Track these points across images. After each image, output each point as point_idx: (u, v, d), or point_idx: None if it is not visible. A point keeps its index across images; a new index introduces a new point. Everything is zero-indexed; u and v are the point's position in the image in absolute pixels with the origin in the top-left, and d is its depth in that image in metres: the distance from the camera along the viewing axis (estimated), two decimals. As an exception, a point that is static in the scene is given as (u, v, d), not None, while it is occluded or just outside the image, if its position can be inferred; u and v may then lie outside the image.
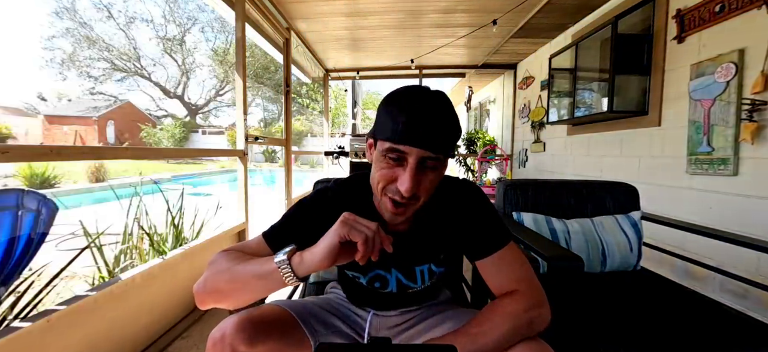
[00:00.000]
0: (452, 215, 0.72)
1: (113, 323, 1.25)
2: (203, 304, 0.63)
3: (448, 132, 0.58)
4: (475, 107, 6.92)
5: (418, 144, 0.56)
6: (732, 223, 1.63)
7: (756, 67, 1.53)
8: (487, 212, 0.71)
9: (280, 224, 0.70)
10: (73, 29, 18.64)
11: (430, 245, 0.73)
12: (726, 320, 0.98)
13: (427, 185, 0.60)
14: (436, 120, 0.57)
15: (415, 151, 0.56)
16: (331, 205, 0.70)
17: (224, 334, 0.62)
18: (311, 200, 0.73)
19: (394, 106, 0.58)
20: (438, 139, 0.57)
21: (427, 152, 0.56)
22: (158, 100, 23.10)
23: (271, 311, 0.71)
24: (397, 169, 0.59)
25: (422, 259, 0.74)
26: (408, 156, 0.57)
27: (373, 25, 3.24)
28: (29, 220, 1.02)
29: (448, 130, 0.58)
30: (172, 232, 1.96)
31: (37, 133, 18.07)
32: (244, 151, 2.24)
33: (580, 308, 1.03)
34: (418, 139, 0.56)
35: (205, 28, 22.19)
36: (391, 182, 0.60)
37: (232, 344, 0.61)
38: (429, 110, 0.56)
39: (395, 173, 0.59)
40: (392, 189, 0.60)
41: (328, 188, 0.75)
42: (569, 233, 1.31)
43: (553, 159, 3.59)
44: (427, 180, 0.60)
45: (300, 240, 0.64)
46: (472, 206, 0.72)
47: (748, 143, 1.56)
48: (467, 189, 0.74)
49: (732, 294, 1.60)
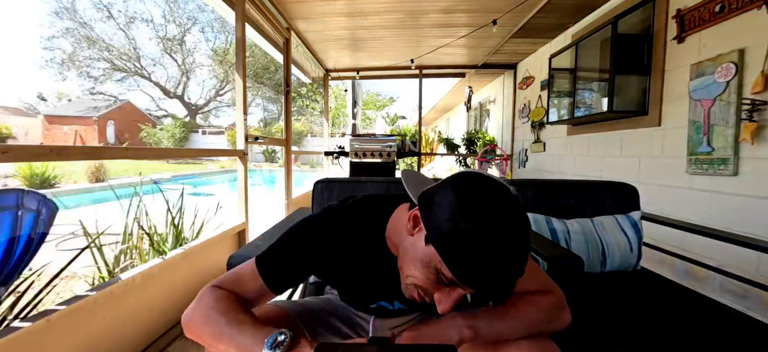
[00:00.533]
0: None
1: (113, 323, 1.25)
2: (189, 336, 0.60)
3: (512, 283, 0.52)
4: (475, 107, 6.92)
5: (480, 289, 0.50)
6: (732, 223, 1.63)
7: (756, 67, 1.53)
8: None
9: (278, 254, 0.64)
10: (73, 29, 18.66)
11: None
12: (726, 320, 0.98)
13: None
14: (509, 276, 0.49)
15: (470, 292, 0.51)
16: (336, 232, 0.65)
17: None
18: (315, 223, 0.67)
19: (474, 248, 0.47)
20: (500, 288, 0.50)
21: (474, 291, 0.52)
22: (158, 100, 23.14)
23: (272, 312, 0.71)
24: (442, 288, 0.53)
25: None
26: (461, 289, 0.51)
27: (373, 24, 3.24)
28: (29, 220, 1.02)
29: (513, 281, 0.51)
30: (172, 232, 1.96)
31: (37, 133, 18.07)
32: (244, 151, 2.24)
33: (580, 308, 1.02)
34: (483, 285, 0.49)
35: (205, 28, 22.21)
36: (429, 291, 0.54)
37: None
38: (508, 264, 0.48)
39: (438, 288, 0.53)
40: (427, 294, 0.55)
41: (332, 209, 0.69)
42: (569, 233, 1.31)
43: (553, 159, 3.59)
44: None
45: (297, 272, 0.63)
46: None
47: (748, 143, 1.56)
48: None
49: (732, 294, 1.60)
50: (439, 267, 0.50)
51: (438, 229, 0.50)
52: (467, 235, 0.47)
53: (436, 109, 9.78)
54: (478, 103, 6.76)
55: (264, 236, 0.99)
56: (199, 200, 2.49)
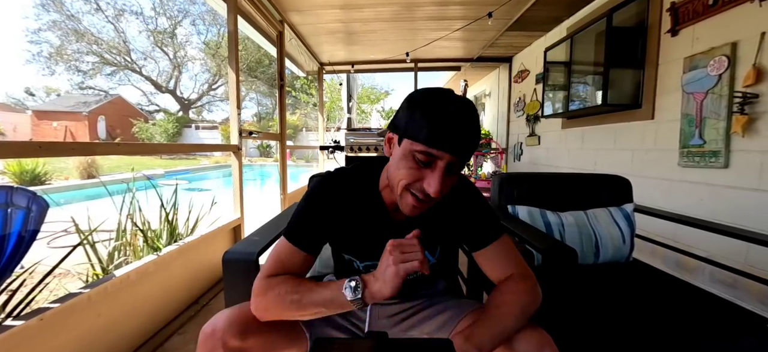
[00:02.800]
0: (450, 209, 0.75)
1: (108, 321, 1.24)
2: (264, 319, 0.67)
3: (475, 141, 0.61)
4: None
5: (451, 150, 0.58)
6: (722, 215, 1.66)
7: (748, 60, 1.55)
8: (483, 207, 0.76)
9: (303, 223, 0.71)
10: (60, 22, 18.21)
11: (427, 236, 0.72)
12: (715, 309, 1.00)
13: (447, 186, 0.62)
14: (468, 128, 0.58)
15: (446, 156, 0.58)
16: (341, 194, 0.72)
17: (215, 328, 0.63)
18: (320, 191, 0.73)
19: (429, 108, 0.58)
20: (467, 146, 0.59)
21: (456, 158, 0.59)
22: (150, 95, 22.76)
23: None
24: (425, 171, 0.60)
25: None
26: (438, 160, 0.58)
27: (368, 17, 3.20)
28: (19, 217, 1.01)
29: (476, 139, 0.61)
30: (166, 228, 1.94)
31: (26, 129, 17.71)
32: (238, 146, 2.22)
33: (574, 299, 1.04)
34: (452, 145, 0.57)
35: (197, 20, 21.83)
36: (416, 181, 0.61)
37: (223, 338, 0.61)
38: (462, 118, 0.58)
39: (422, 174, 0.60)
40: (417, 187, 0.61)
41: (330, 176, 0.75)
42: (563, 225, 1.32)
43: (547, 152, 3.61)
44: (449, 182, 0.62)
45: (325, 234, 0.72)
46: (469, 202, 0.76)
47: (739, 136, 1.58)
48: (464, 186, 0.76)
49: (721, 284, 1.63)
50: (413, 149, 0.59)
51: (400, 120, 0.62)
52: (419, 100, 0.60)
53: (432, 102, 9.74)
54: (474, 97, 6.76)
55: (259, 231, 0.99)
56: (193, 196, 2.47)
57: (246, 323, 0.64)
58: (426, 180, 0.60)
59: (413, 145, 0.59)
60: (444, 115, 0.57)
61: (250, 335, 0.63)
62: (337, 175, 0.76)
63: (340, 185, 0.73)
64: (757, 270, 1.29)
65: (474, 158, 4.56)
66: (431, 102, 0.58)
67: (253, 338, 0.64)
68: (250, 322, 0.64)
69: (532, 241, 0.97)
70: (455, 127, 0.57)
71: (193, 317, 1.66)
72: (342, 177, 0.75)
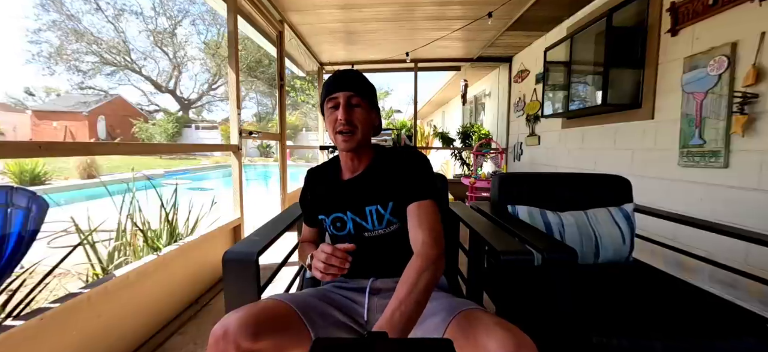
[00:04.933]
0: (396, 167, 0.90)
1: (108, 321, 1.24)
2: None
3: (361, 81, 0.88)
4: (470, 101, 6.91)
5: (342, 87, 0.85)
6: (722, 214, 1.66)
7: (748, 60, 1.55)
8: (421, 168, 0.88)
9: (301, 204, 1.07)
10: (59, 22, 18.20)
11: (376, 189, 0.90)
12: (715, 309, 1.00)
13: (359, 117, 0.86)
14: (350, 73, 0.88)
15: (341, 94, 0.85)
16: (314, 173, 1.03)
17: (227, 330, 0.62)
18: (305, 177, 1.05)
19: (327, 80, 0.91)
20: (353, 82, 0.86)
21: (349, 92, 0.85)
22: (150, 95, 22.75)
23: (272, 306, 0.71)
24: (336, 112, 0.85)
25: (370, 200, 0.89)
26: (339, 98, 0.85)
27: (368, 17, 3.20)
28: (19, 217, 1.01)
29: (361, 80, 0.89)
30: (166, 228, 1.94)
31: (26, 129, 17.69)
32: (238, 146, 2.22)
33: (574, 299, 1.04)
34: (341, 84, 0.85)
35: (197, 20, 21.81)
36: (334, 122, 0.85)
37: (235, 340, 0.61)
38: (345, 71, 0.88)
39: (335, 115, 0.85)
40: (336, 126, 0.85)
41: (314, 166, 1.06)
42: (563, 225, 1.32)
43: (547, 152, 3.61)
44: (358, 113, 0.86)
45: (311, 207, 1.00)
46: (409, 161, 0.89)
47: (739, 136, 1.58)
48: (409, 150, 0.93)
49: (721, 284, 1.63)
50: (325, 105, 0.89)
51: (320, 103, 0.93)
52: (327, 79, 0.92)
53: (432, 103, 9.75)
54: (473, 97, 6.76)
55: (259, 231, 0.99)
56: (194, 196, 2.47)
57: (257, 324, 0.64)
58: (337, 115, 0.84)
59: (325, 104, 0.88)
60: (333, 75, 0.89)
61: (261, 336, 0.63)
62: (319, 164, 1.05)
63: (316, 168, 1.04)
64: (757, 270, 1.29)
65: (474, 158, 4.56)
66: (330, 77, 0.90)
67: (265, 339, 0.64)
68: (261, 323, 0.65)
69: (532, 241, 0.97)
70: (340, 75, 0.87)
71: (193, 317, 1.66)
72: (319, 163, 1.05)
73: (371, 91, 0.91)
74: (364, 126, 0.87)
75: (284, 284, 1.19)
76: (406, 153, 0.91)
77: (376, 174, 0.91)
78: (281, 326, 0.68)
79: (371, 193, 0.89)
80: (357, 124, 0.85)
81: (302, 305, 0.76)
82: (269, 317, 0.67)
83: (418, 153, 0.92)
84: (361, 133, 0.86)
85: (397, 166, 0.89)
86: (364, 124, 0.87)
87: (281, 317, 0.71)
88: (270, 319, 0.67)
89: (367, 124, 0.88)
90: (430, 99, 9.14)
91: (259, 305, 0.69)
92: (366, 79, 0.90)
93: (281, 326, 0.68)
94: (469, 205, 1.47)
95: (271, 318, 0.68)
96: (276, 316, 0.70)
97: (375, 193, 0.89)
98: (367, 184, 0.91)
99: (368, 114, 0.88)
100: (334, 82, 0.86)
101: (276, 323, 0.68)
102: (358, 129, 0.86)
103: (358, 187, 0.91)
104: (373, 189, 0.89)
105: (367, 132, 0.89)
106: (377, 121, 0.94)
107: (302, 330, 0.72)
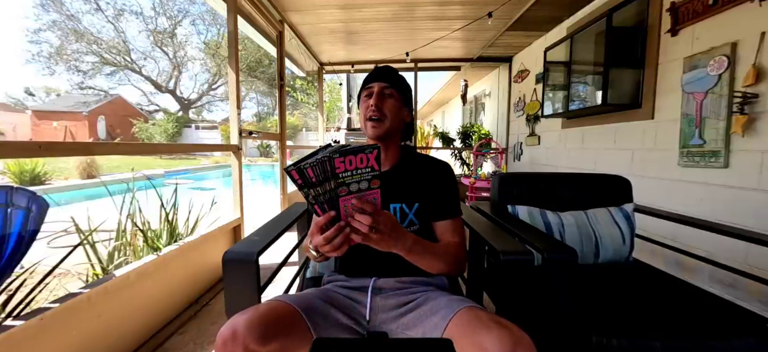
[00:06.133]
0: (426, 175, 0.93)
1: (108, 321, 1.24)
2: None
3: (398, 76, 0.94)
4: (470, 101, 6.91)
5: (377, 79, 0.92)
6: (722, 214, 1.66)
7: (748, 60, 1.55)
8: (453, 186, 0.94)
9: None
10: (59, 22, 18.21)
11: (403, 188, 0.91)
12: (715, 309, 1.00)
13: (390, 107, 0.90)
14: (386, 68, 0.95)
15: (376, 84, 0.92)
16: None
17: (236, 332, 0.62)
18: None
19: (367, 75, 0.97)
20: (389, 75, 0.93)
21: (384, 83, 0.91)
22: (150, 95, 22.77)
23: (278, 307, 0.71)
24: (369, 100, 0.91)
25: (396, 197, 0.90)
26: (373, 88, 0.92)
27: (368, 17, 3.20)
28: (19, 217, 1.01)
29: (398, 76, 0.94)
30: (166, 228, 1.94)
31: (26, 128, 17.69)
32: (238, 146, 2.22)
33: (574, 299, 1.04)
34: (377, 76, 0.93)
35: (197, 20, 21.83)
36: (366, 110, 0.91)
37: (244, 342, 0.61)
38: (384, 66, 0.95)
39: (368, 103, 0.91)
40: (367, 113, 0.90)
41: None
42: (563, 225, 1.32)
43: (547, 152, 3.61)
44: (389, 103, 0.90)
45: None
46: (443, 177, 0.94)
47: (739, 136, 1.58)
48: (443, 165, 0.97)
49: (721, 284, 1.63)
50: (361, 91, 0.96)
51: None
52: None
53: (432, 103, 9.75)
54: (473, 97, 6.76)
55: (259, 231, 0.99)
56: (194, 196, 2.47)
57: (266, 326, 0.63)
58: (369, 103, 0.90)
59: (361, 95, 0.95)
60: (372, 70, 0.96)
61: (269, 338, 0.63)
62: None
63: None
64: (757, 270, 1.29)
65: (474, 158, 4.56)
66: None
67: (272, 341, 0.63)
68: (269, 324, 0.64)
69: (532, 241, 0.97)
70: (379, 68, 0.94)
71: (193, 317, 1.66)
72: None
73: (406, 88, 0.95)
74: (393, 117, 0.90)
75: (284, 284, 1.19)
76: (439, 164, 0.96)
77: (404, 173, 0.93)
78: (287, 327, 0.68)
79: (398, 190, 0.90)
80: (387, 114, 0.89)
81: (305, 306, 0.76)
82: (276, 319, 0.67)
83: (450, 167, 0.96)
84: (390, 123, 0.90)
85: (427, 173, 0.93)
86: (394, 115, 0.91)
87: (286, 318, 0.71)
88: (277, 321, 0.67)
89: (398, 117, 0.92)
90: (430, 99, 9.14)
91: (265, 307, 0.69)
92: (403, 78, 0.95)
93: (287, 327, 0.68)
94: (469, 205, 1.47)
95: (278, 320, 0.68)
96: (282, 317, 0.69)
97: (402, 191, 0.90)
98: (394, 180, 0.91)
99: (400, 108, 0.92)
100: (372, 75, 0.94)
101: (282, 324, 0.67)
102: (388, 118, 0.89)
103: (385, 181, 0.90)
104: (401, 187, 0.90)
105: (396, 124, 0.92)
106: (409, 118, 0.97)
107: (306, 332, 0.72)
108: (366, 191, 0.64)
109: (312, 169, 0.59)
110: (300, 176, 0.60)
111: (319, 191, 0.62)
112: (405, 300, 0.83)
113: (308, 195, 0.62)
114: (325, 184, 0.61)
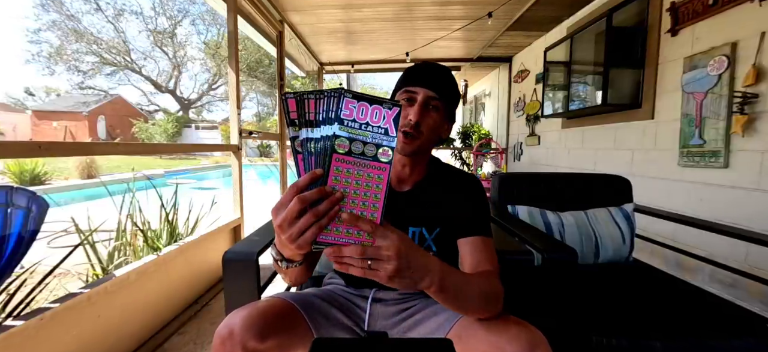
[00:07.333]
0: (452, 191, 0.80)
1: (108, 321, 1.24)
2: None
3: (449, 83, 0.75)
4: (470, 101, 6.91)
5: (424, 84, 0.72)
6: (722, 214, 1.66)
7: (748, 60, 1.55)
8: (483, 202, 0.80)
9: None
10: (59, 22, 18.22)
11: (425, 210, 0.79)
12: (715, 309, 1.00)
13: (430, 123, 0.73)
14: (437, 68, 0.75)
15: (422, 91, 0.72)
16: None
17: (233, 330, 0.61)
18: None
19: (409, 67, 0.76)
20: (438, 80, 0.73)
21: (431, 92, 0.71)
22: (150, 95, 22.76)
23: (277, 305, 0.71)
24: (408, 108, 0.72)
25: (416, 221, 0.78)
26: (417, 95, 0.72)
27: (368, 17, 3.20)
28: (19, 217, 1.01)
29: (449, 82, 0.75)
30: (166, 228, 1.94)
31: (26, 128, 17.70)
32: (238, 146, 2.22)
33: (574, 299, 1.04)
34: (424, 80, 0.72)
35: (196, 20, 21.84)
36: (404, 119, 0.71)
37: (242, 341, 0.60)
38: (431, 64, 0.75)
39: (406, 112, 0.72)
40: (403, 123, 0.72)
41: None
42: (563, 225, 1.32)
43: (547, 152, 3.61)
44: (430, 119, 0.73)
45: None
46: (472, 191, 0.81)
47: (739, 136, 1.58)
48: (471, 178, 0.84)
49: (721, 284, 1.63)
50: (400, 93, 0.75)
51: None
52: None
53: (432, 102, 9.75)
54: (473, 97, 6.76)
55: (259, 231, 0.99)
56: (194, 196, 2.47)
57: (264, 324, 0.63)
58: (409, 114, 0.71)
59: (398, 93, 0.75)
60: (417, 65, 0.76)
61: (268, 336, 0.62)
62: None
63: None
64: (757, 270, 1.29)
65: (474, 158, 4.56)
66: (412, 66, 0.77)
67: (271, 339, 0.63)
68: (268, 322, 0.64)
69: (532, 241, 0.97)
70: (425, 67, 0.74)
71: (192, 317, 1.66)
72: None
73: (455, 100, 0.78)
74: (431, 134, 0.74)
75: (284, 284, 1.19)
76: (468, 178, 0.83)
77: (428, 192, 0.80)
78: (286, 325, 0.67)
79: (419, 213, 0.78)
80: (424, 131, 0.72)
81: (306, 304, 0.76)
82: (275, 316, 0.67)
83: (480, 182, 0.84)
84: (425, 141, 0.74)
85: (454, 189, 0.80)
86: (433, 132, 0.74)
87: (286, 316, 0.70)
88: (276, 318, 0.66)
89: (436, 133, 0.76)
90: (430, 99, 9.13)
91: (264, 304, 0.69)
92: (455, 84, 0.76)
93: (286, 325, 0.67)
94: (469, 205, 1.47)
95: (276, 318, 0.67)
96: (281, 315, 0.69)
97: (423, 214, 0.78)
98: (416, 201, 0.79)
99: (441, 123, 0.76)
100: (416, 73, 0.73)
101: (281, 322, 0.66)
102: (424, 136, 0.73)
103: (405, 202, 0.78)
104: (422, 209, 0.79)
105: (432, 142, 0.77)
106: (446, 134, 0.80)
107: (306, 330, 0.72)
108: (370, 161, 0.46)
109: (314, 101, 0.45)
110: (297, 106, 0.45)
111: (311, 136, 0.46)
112: (407, 305, 0.82)
113: (296, 137, 0.47)
114: (323, 126, 0.46)
